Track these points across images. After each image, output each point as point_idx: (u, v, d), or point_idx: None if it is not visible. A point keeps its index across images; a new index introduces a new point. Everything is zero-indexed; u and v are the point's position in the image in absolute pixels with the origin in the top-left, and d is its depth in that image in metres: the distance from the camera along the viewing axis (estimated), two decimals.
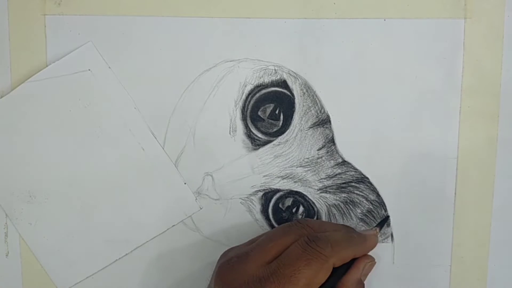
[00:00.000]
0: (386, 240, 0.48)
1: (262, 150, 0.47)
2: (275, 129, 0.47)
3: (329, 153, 0.47)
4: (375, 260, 0.44)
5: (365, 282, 0.46)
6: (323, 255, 0.39)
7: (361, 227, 0.48)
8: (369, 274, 0.48)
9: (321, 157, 0.47)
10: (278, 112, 0.47)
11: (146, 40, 0.46)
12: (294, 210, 0.48)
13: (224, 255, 0.43)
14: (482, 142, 0.47)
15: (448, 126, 0.47)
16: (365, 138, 0.47)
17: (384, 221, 0.47)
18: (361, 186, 0.47)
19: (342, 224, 0.45)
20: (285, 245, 0.40)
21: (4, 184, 0.47)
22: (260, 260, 0.40)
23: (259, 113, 0.47)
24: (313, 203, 0.47)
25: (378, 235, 0.46)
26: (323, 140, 0.47)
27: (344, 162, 0.47)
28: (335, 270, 0.40)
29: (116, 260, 0.48)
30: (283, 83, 0.47)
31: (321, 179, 0.47)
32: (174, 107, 0.47)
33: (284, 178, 0.47)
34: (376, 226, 0.47)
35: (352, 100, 0.47)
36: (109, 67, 0.47)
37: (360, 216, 0.48)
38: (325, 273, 0.39)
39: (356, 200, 0.47)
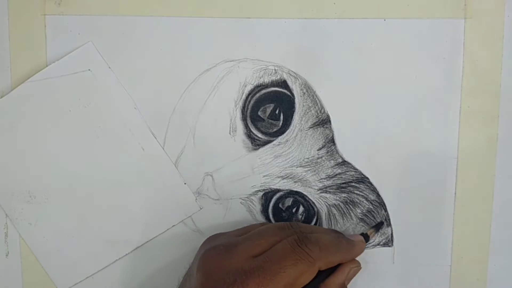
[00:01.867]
0: (385, 240, 0.48)
1: (262, 150, 0.47)
2: (275, 129, 0.47)
3: (329, 153, 0.47)
4: (361, 266, 0.44)
5: (365, 282, 0.47)
6: (311, 257, 0.39)
7: (361, 227, 0.48)
8: (369, 274, 0.48)
9: (321, 157, 0.47)
10: (278, 112, 0.47)
11: (146, 40, 0.47)
12: (294, 210, 0.48)
13: (209, 241, 0.43)
14: (482, 142, 0.46)
15: (448, 126, 0.47)
16: (365, 138, 0.47)
17: (380, 225, 0.47)
18: (361, 186, 0.47)
19: (332, 229, 0.45)
20: (274, 242, 0.40)
21: (4, 184, 0.47)
22: (247, 253, 0.39)
23: (259, 113, 0.47)
24: (313, 203, 0.47)
25: (375, 237, 0.46)
26: (323, 140, 0.47)
27: (344, 162, 0.47)
28: (319, 272, 0.40)
29: (116, 260, 0.48)
30: (283, 83, 0.47)
31: (321, 179, 0.47)
32: (174, 107, 0.47)
33: (284, 178, 0.47)
34: (373, 227, 0.47)
35: (352, 100, 0.47)
36: (109, 67, 0.47)
37: (360, 216, 0.48)
38: (310, 275, 0.39)
39: (356, 200, 0.47)
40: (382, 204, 0.47)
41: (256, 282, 0.37)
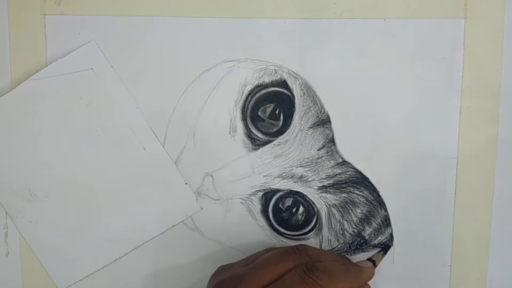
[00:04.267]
0: (385, 240, 0.48)
1: (262, 150, 0.47)
2: (275, 129, 0.47)
3: (329, 153, 0.47)
4: None
5: None
6: (320, 286, 0.39)
7: (360, 226, 0.48)
8: None
9: (321, 157, 0.47)
10: (278, 112, 0.47)
11: (146, 40, 0.47)
12: (294, 210, 0.48)
13: (216, 274, 0.43)
14: (482, 142, 0.46)
15: (448, 126, 0.47)
16: (365, 138, 0.47)
17: (387, 248, 0.48)
18: (361, 186, 0.47)
19: (340, 255, 0.44)
20: (281, 271, 0.40)
21: (5, 182, 0.47)
22: (254, 285, 0.39)
23: (259, 113, 0.47)
24: (313, 203, 0.47)
25: (382, 261, 0.46)
26: (323, 140, 0.47)
27: (344, 162, 0.47)
28: None
29: (116, 259, 0.48)
30: (283, 83, 0.47)
31: (321, 179, 0.47)
32: (174, 107, 0.47)
33: (284, 178, 0.47)
34: (379, 252, 0.47)
35: (352, 100, 0.47)
36: (112, 66, 0.47)
37: (360, 216, 0.48)
38: None
39: (356, 200, 0.47)
40: (382, 204, 0.47)
41: None
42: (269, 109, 0.47)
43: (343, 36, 0.46)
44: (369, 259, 0.46)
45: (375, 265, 0.45)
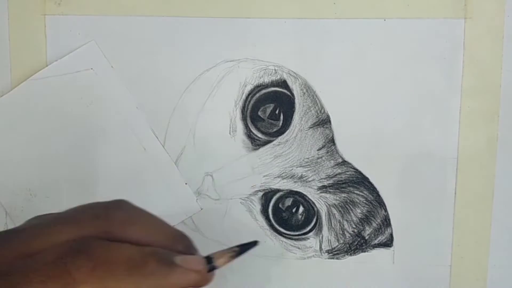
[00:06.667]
0: (385, 240, 0.48)
1: (262, 150, 0.47)
2: (275, 129, 0.47)
3: (329, 153, 0.47)
4: None
5: (365, 282, 0.46)
6: (71, 278, 0.27)
7: (360, 226, 0.48)
8: (369, 274, 0.48)
9: (321, 157, 0.47)
10: (278, 112, 0.47)
11: (146, 40, 0.47)
12: (294, 210, 0.48)
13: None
14: (482, 142, 0.46)
15: (448, 126, 0.46)
16: (365, 138, 0.47)
17: (249, 245, 0.33)
18: (361, 186, 0.47)
19: (174, 229, 0.32)
20: (51, 241, 0.29)
21: (5, 182, 0.47)
22: (20, 250, 0.28)
23: (259, 113, 0.47)
24: (313, 203, 0.47)
25: (229, 263, 0.32)
26: (323, 140, 0.47)
27: (344, 162, 0.47)
28: None
29: None
30: (283, 83, 0.47)
31: (321, 179, 0.47)
32: (174, 107, 0.47)
33: (284, 178, 0.47)
34: (238, 246, 0.33)
35: (352, 100, 0.47)
36: (112, 66, 0.47)
37: (360, 216, 0.48)
38: None
39: (356, 200, 0.47)
40: (382, 204, 0.47)
41: None
42: (269, 109, 0.47)
43: (343, 36, 0.46)
44: (207, 257, 0.32)
45: (214, 265, 0.31)
